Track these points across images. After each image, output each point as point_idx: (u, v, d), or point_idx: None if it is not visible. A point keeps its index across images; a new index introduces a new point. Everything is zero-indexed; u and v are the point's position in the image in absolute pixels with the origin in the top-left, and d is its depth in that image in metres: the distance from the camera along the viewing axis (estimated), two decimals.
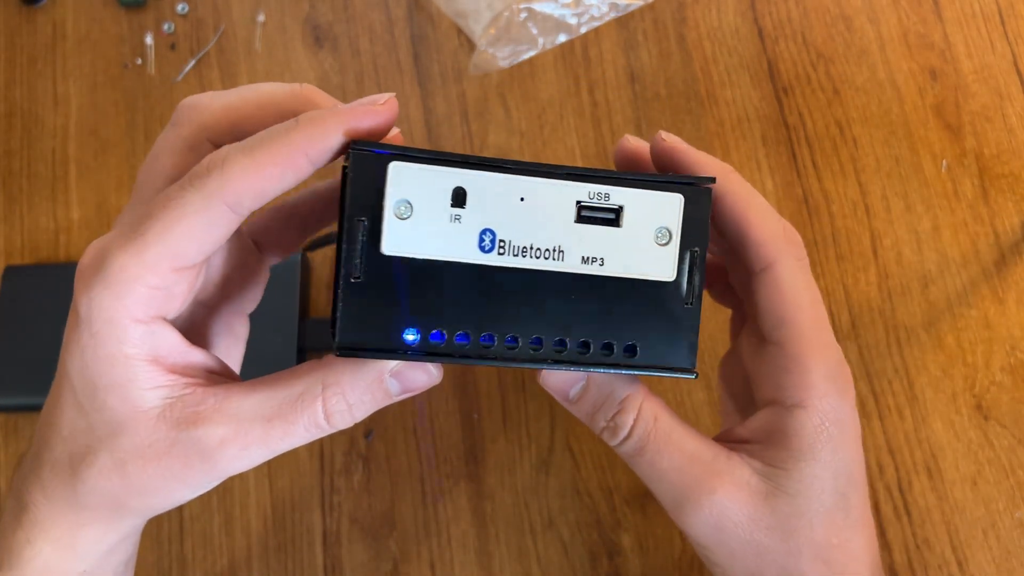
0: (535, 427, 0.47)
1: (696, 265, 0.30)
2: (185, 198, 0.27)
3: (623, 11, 0.53)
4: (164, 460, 0.28)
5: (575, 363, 0.30)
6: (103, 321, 0.27)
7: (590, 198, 0.28)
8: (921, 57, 0.50)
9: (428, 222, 0.27)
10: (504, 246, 0.28)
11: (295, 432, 0.29)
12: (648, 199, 0.29)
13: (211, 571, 0.47)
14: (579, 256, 0.29)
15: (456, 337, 0.29)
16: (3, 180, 0.55)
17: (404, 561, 0.46)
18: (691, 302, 0.30)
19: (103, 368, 0.28)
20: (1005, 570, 0.42)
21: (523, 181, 0.28)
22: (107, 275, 0.27)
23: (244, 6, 0.56)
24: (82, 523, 0.30)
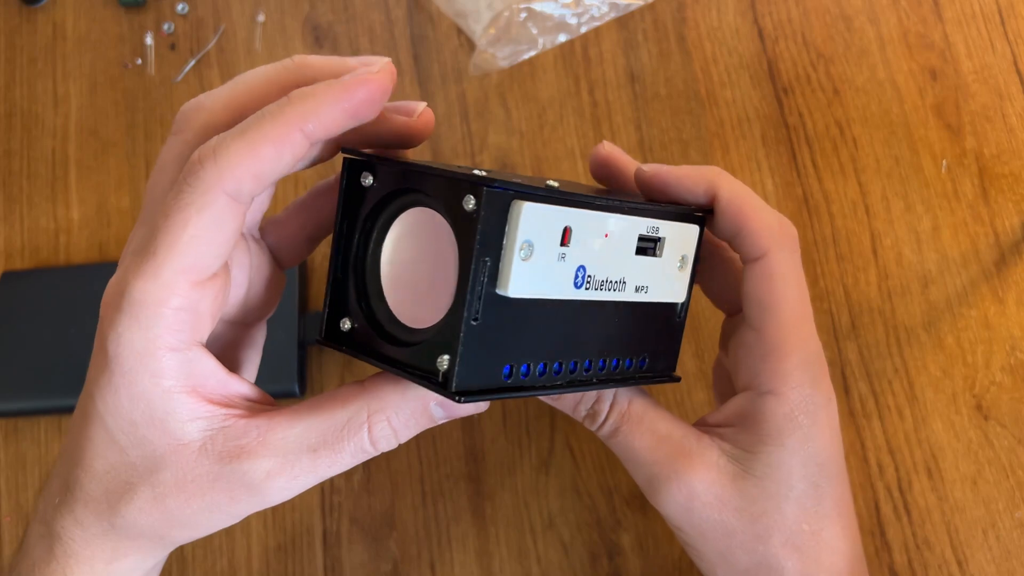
0: (535, 427, 0.47)
1: (692, 283, 0.33)
2: (183, 200, 0.25)
3: (623, 11, 0.53)
4: (208, 494, 0.28)
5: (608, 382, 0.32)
6: (135, 357, 0.26)
7: (647, 232, 0.30)
8: (921, 57, 0.50)
9: (544, 262, 0.27)
10: (591, 282, 0.29)
11: (341, 460, 0.28)
12: (679, 231, 0.32)
13: (211, 571, 0.47)
14: (634, 286, 0.31)
15: (539, 368, 0.28)
16: (3, 180, 0.55)
17: (404, 561, 0.46)
18: (681, 316, 0.33)
19: (139, 405, 0.27)
20: (1005, 570, 0.42)
21: (609, 218, 0.29)
22: (130, 307, 0.26)
23: (244, 6, 0.56)
24: (119, 555, 0.29)
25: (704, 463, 0.32)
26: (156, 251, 0.25)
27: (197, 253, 0.26)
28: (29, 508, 0.49)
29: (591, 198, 0.28)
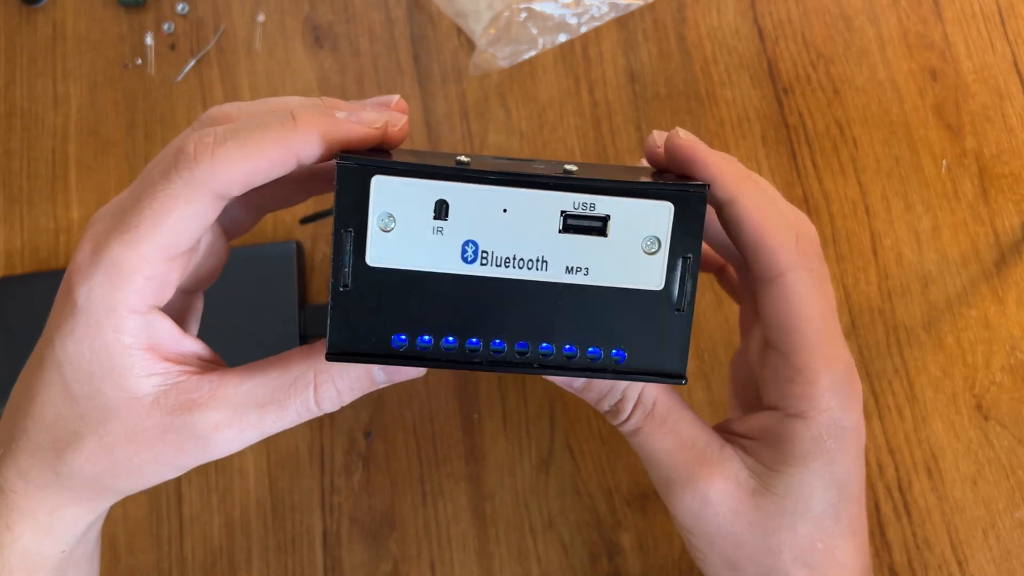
0: (535, 427, 0.47)
1: (688, 272, 0.29)
2: (173, 188, 0.27)
3: (623, 11, 0.53)
4: (156, 445, 0.29)
5: (562, 368, 0.30)
6: (103, 311, 0.28)
7: (575, 208, 0.28)
8: (921, 57, 0.50)
9: (411, 234, 0.28)
10: (487, 257, 0.28)
11: (287, 416, 0.30)
12: (636, 208, 0.28)
13: (211, 571, 0.47)
14: (563, 266, 0.28)
15: (443, 342, 0.29)
16: (3, 180, 0.55)
17: (404, 561, 0.46)
18: (683, 308, 0.29)
19: (100, 357, 0.28)
20: (1005, 570, 0.42)
21: (506, 192, 0.28)
22: (105, 267, 0.28)
23: (244, 6, 0.56)
24: (63, 505, 0.30)
25: (723, 474, 0.32)
26: (139, 225, 0.27)
27: (175, 234, 0.28)
28: None
29: (474, 172, 0.28)
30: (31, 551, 0.31)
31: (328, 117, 0.28)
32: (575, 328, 0.29)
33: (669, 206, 0.28)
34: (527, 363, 0.30)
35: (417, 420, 0.48)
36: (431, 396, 0.48)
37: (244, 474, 0.48)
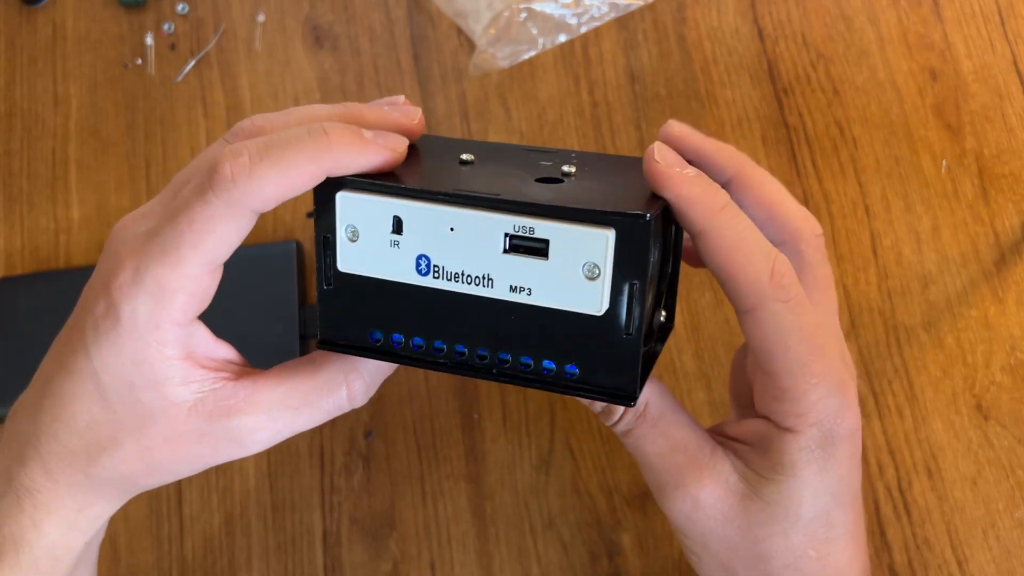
0: (535, 427, 0.47)
1: (635, 298, 0.28)
2: (212, 209, 0.28)
3: (623, 11, 0.53)
4: (194, 447, 0.31)
5: (516, 378, 0.31)
6: (148, 327, 0.29)
7: (515, 230, 0.28)
8: (921, 57, 0.50)
9: (373, 245, 0.30)
10: (439, 271, 0.30)
11: (320, 415, 0.32)
12: (575, 234, 0.28)
13: (211, 571, 0.47)
14: (507, 284, 0.29)
15: (411, 342, 0.31)
16: (3, 180, 0.55)
17: (404, 561, 0.46)
18: (631, 332, 0.29)
19: (141, 368, 0.29)
20: (1005, 570, 0.42)
21: (452, 212, 0.29)
22: (150, 287, 0.29)
23: (244, 6, 0.56)
24: (91, 503, 0.32)
25: (713, 478, 0.32)
26: (181, 246, 0.29)
27: (216, 252, 0.29)
28: None
29: (427, 192, 0.29)
30: (57, 545, 0.32)
31: (357, 137, 0.30)
32: (528, 342, 0.30)
33: (608, 234, 0.28)
34: (486, 368, 0.31)
35: (417, 420, 0.48)
36: (431, 396, 0.48)
37: (244, 474, 0.48)
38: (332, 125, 0.29)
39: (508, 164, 0.33)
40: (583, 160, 0.34)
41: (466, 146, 0.36)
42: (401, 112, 0.33)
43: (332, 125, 0.29)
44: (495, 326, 0.30)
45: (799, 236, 0.33)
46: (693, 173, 0.30)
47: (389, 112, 0.33)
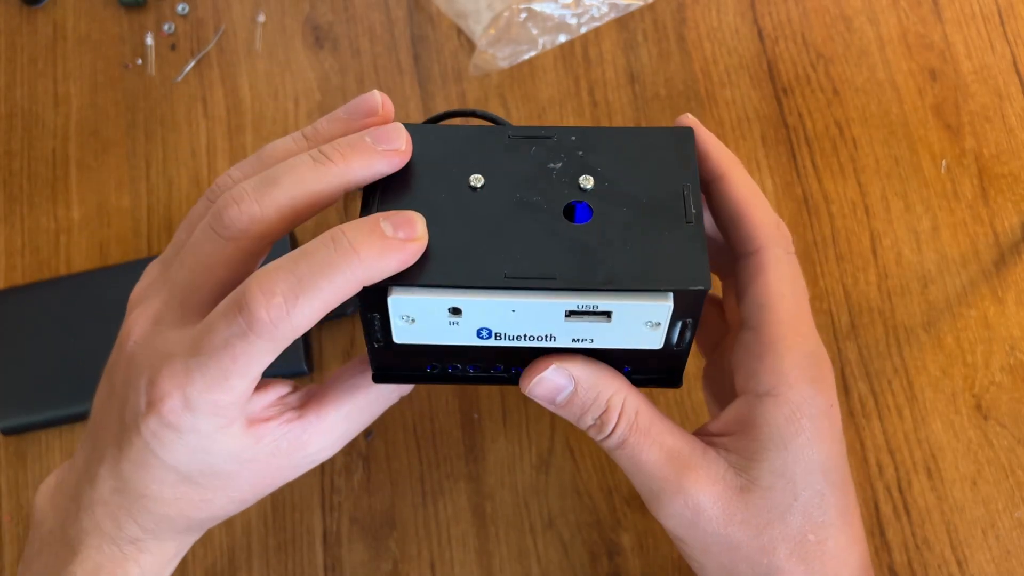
0: (535, 427, 0.47)
1: (688, 328, 0.31)
2: (257, 347, 0.29)
3: (623, 11, 0.53)
4: (278, 477, 0.34)
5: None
6: (211, 430, 0.30)
7: (579, 307, 0.29)
8: (921, 57, 0.50)
9: (430, 326, 0.30)
10: (501, 336, 0.31)
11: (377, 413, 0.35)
12: (636, 307, 0.29)
13: (211, 571, 0.47)
14: (570, 339, 0.31)
15: (468, 368, 0.33)
16: (3, 180, 0.55)
17: (404, 561, 0.46)
18: (681, 346, 0.32)
19: (216, 454, 0.31)
20: (1005, 570, 0.42)
21: (511, 301, 0.29)
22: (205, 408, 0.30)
23: (244, 6, 0.56)
24: (188, 539, 0.35)
25: (709, 477, 0.32)
26: (229, 377, 0.29)
27: (261, 370, 0.30)
28: (30, 508, 0.49)
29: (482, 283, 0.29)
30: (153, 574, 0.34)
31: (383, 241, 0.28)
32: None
33: (668, 305, 0.29)
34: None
35: (417, 420, 0.48)
36: (431, 396, 0.48)
37: None
38: (355, 234, 0.28)
39: (520, 182, 0.32)
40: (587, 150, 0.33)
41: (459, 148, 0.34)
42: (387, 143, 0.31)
43: (355, 234, 0.28)
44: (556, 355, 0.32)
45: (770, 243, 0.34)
46: None
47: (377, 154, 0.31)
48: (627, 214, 0.31)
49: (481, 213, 0.31)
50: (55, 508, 0.35)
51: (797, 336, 0.32)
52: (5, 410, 0.48)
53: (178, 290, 0.32)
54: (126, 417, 0.31)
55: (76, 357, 0.49)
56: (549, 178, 0.32)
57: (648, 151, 0.33)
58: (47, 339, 0.49)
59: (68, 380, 0.48)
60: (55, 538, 0.34)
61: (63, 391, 0.48)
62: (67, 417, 0.49)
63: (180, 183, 0.53)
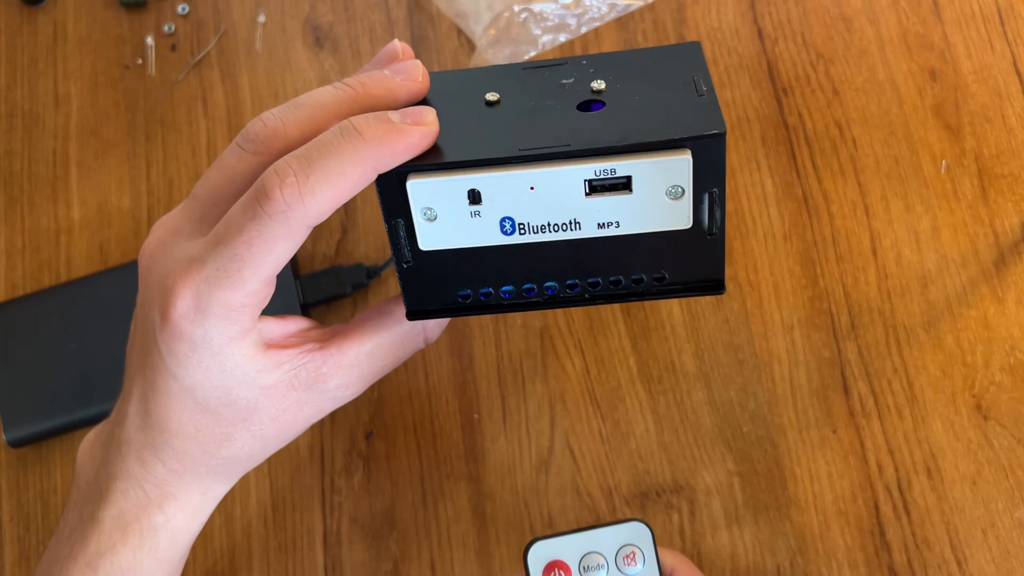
0: (535, 427, 0.47)
1: (716, 203, 0.30)
2: (271, 231, 0.29)
3: (623, 11, 0.53)
4: (300, 414, 0.33)
5: (609, 297, 0.32)
6: (223, 342, 0.31)
7: (597, 175, 0.29)
8: (921, 57, 0.50)
9: (453, 220, 0.30)
10: (524, 227, 0.30)
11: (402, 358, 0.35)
12: (656, 165, 0.29)
13: (211, 571, 0.47)
14: (595, 223, 0.30)
15: (501, 291, 0.32)
16: (4, 180, 0.55)
17: (404, 561, 0.46)
18: (715, 232, 0.30)
19: (231, 374, 0.31)
20: (1004, 570, 0.43)
21: (530, 173, 0.29)
22: (217, 310, 0.30)
23: (244, 7, 0.56)
24: (212, 487, 0.35)
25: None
26: (242, 269, 0.29)
27: (275, 267, 0.30)
28: (31, 508, 0.49)
29: (498, 158, 0.29)
30: (179, 528, 0.35)
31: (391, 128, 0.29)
32: (618, 264, 0.31)
33: (687, 159, 0.28)
34: (579, 297, 0.32)
35: (417, 420, 0.48)
36: (431, 396, 0.48)
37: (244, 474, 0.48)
38: (362, 121, 0.29)
39: (534, 95, 0.32)
40: (598, 68, 0.33)
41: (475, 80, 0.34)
42: (405, 75, 0.32)
43: (362, 121, 0.29)
44: (585, 259, 0.31)
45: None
46: None
47: (396, 82, 0.32)
48: (639, 100, 0.31)
49: (497, 118, 0.32)
50: (91, 459, 0.35)
51: None
52: (12, 422, 0.48)
53: (199, 204, 0.32)
54: (147, 340, 0.32)
55: (79, 363, 0.48)
56: (563, 89, 0.32)
57: (657, 61, 0.33)
58: (49, 348, 0.49)
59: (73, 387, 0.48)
60: (89, 487, 0.35)
61: (68, 398, 0.48)
62: (74, 424, 0.48)
63: (181, 183, 0.53)
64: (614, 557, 0.33)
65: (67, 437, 0.49)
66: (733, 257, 0.48)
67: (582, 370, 0.48)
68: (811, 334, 0.47)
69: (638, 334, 0.48)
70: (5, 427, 0.48)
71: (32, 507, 0.49)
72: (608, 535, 0.33)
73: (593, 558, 0.33)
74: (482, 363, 0.48)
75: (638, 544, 0.33)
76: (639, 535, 0.33)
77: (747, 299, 0.47)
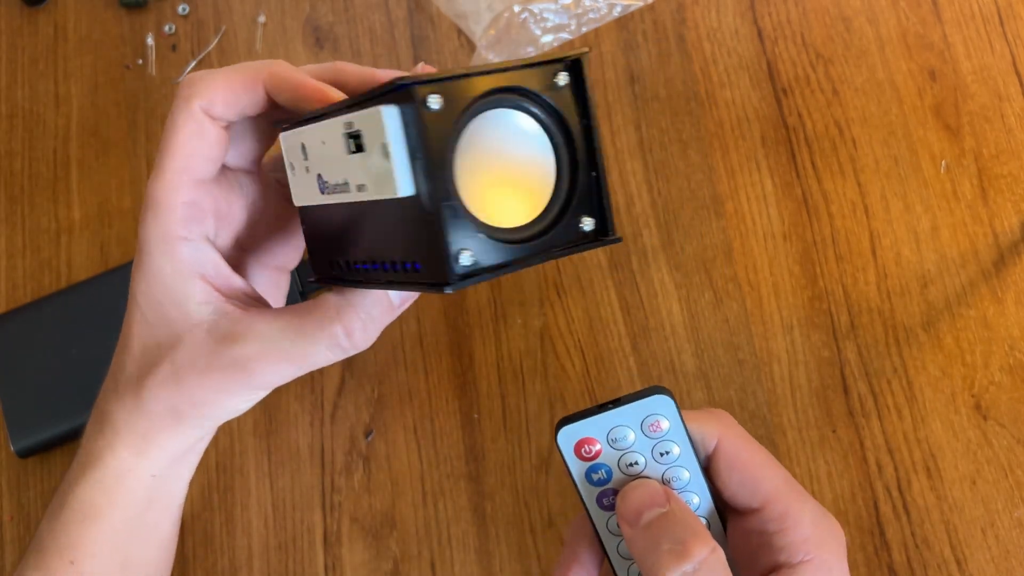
0: (535, 427, 0.47)
1: (426, 173, 0.26)
2: (176, 120, 0.32)
3: (623, 11, 0.53)
4: (210, 373, 0.33)
5: (379, 284, 0.30)
6: (156, 241, 0.32)
7: (346, 129, 0.29)
8: (920, 58, 0.50)
9: (300, 175, 0.32)
10: (327, 186, 0.31)
11: (318, 351, 0.32)
12: (364, 117, 0.27)
13: (212, 570, 0.47)
14: (355, 185, 0.29)
15: (352, 265, 0.32)
16: (5, 180, 0.55)
17: (404, 561, 0.46)
18: (429, 209, 0.26)
19: (162, 284, 0.32)
20: (1004, 569, 0.43)
21: (319, 126, 0.30)
22: (149, 205, 0.32)
23: (245, 7, 0.56)
24: (153, 430, 0.34)
25: None
26: (161, 160, 0.32)
27: (188, 156, 0.32)
28: (31, 508, 0.49)
29: (314, 114, 0.30)
30: (128, 469, 0.35)
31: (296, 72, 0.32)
32: (388, 245, 0.29)
33: (383, 109, 0.26)
34: (379, 278, 0.30)
35: (417, 420, 0.48)
36: (431, 396, 0.48)
37: (245, 473, 0.48)
38: (285, 63, 0.32)
39: None
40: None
41: None
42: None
43: (285, 63, 0.32)
44: (368, 235, 0.30)
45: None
46: None
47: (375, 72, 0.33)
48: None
49: None
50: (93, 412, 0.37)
51: (801, 498, 0.33)
52: (19, 432, 0.48)
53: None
54: None
55: (82, 368, 0.48)
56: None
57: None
58: (50, 356, 0.49)
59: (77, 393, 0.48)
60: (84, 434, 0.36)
61: (73, 405, 0.48)
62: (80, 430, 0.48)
63: None
64: (639, 428, 0.34)
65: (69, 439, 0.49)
66: (733, 257, 0.48)
67: (582, 370, 0.48)
68: (811, 334, 0.47)
69: (638, 334, 0.48)
70: (12, 438, 0.48)
71: (33, 507, 0.49)
72: (632, 411, 0.34)
73: (620, 431, 0.34)
74: (482, 363, 0.48)
75: (662, 413, 0.33)
76: (661, 406, 0.33)
77: (747, 299, 0.47)
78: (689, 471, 0.34)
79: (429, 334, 0.49)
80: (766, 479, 0.33)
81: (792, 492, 0.33)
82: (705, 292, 0.48)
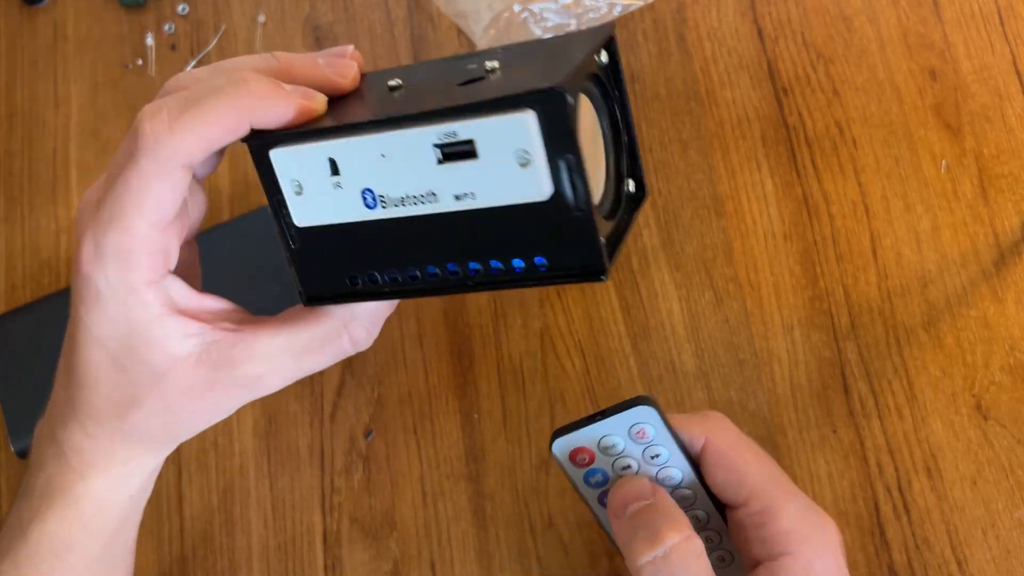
0: (535, 427, 0.47)
1: (574, 172, 0.27)
2: (144, 169, 0.29)
3: (623, 11, 0.53)
4: (209, 396, 0.32)
5: (492, 284, 0.30)
6: (124, 291, 0.30)
7: (441, 139, 0.28)
8: (921, 57, 0.50)
9: (318, 193, 0.30)
10: (385, 200, 0.29)
11: (323, 360, 0.33)
12: (493, 126, 0.27)
13: (211, 571, 0.47)
14: (451, 195, 0.28)
15: (385, 277, 0.31)
16: (4, 181, 0.55)
17: (404, 560, 0.46)
18: (581, 207, 0.28)
19: (136, 330, 0.31)
20: (1004, 570, 0.42)
21: (378, 138, 0.28)
22: (110, 254, 0.30)
23: (245, 7, 0.56)
24: (133, 456, 0.34)
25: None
26: (125, 211, 0.29)
27: (158, 209, 0.30)
28: None
29: (350, 125, 0.29)
30: (103, 497, 0.34)
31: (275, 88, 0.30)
32: (491, 246, 0.29)
33: (526, 116, 0.26)
34: (461, 283, 0.30)
35: (417, 420, 0.48)
36: (431, 396, 0.48)
37: (245, 473, 0.48)
38: (253, 76, 0.30)
39: (435, 78, 0.32)
40: (511, 52, 0.32)
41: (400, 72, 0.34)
42: (334, 69, 0.32)
43: (253, 76, 0.30)
44: (456, 239, 0.30)
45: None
46: None
47: (320, 67, 0.32)
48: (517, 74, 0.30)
49: (386, 100, 0.31)
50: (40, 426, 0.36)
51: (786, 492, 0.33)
52: (18, 432, 0.48)
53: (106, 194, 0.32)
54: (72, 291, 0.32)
55: None
56: (463, 70, 0.32)
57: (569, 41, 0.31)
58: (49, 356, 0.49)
59: None
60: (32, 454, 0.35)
61: None
62: None
63: None
64: (626, 436, 0.34)
65: None
66: (733, 257, 0.48)
67: (582, 370, 0.48)
68: (811, 334, 0.47)
69: (638, 334, 0.48)
70: (12, 438, 0.48)
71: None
72: (617, 421, 0.34)
73: (608, 439, 0.35)
74: (482, 363, 0.48)
75: (646, 421, 0.34)
76: (644, 415, 0.34)
77: (747, 299, 0.47)
78: (681, 471, 0.35)
79: (429, 334, 0.49)
80: (750, 474, 0.34)
81: (777, 487, 0.33)
82: (705, 292, 0.48)
